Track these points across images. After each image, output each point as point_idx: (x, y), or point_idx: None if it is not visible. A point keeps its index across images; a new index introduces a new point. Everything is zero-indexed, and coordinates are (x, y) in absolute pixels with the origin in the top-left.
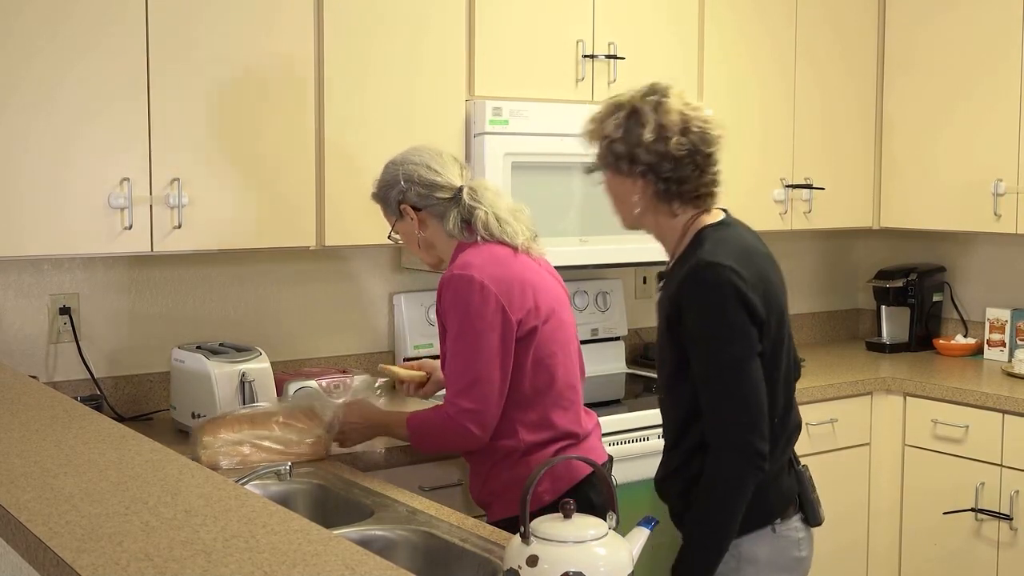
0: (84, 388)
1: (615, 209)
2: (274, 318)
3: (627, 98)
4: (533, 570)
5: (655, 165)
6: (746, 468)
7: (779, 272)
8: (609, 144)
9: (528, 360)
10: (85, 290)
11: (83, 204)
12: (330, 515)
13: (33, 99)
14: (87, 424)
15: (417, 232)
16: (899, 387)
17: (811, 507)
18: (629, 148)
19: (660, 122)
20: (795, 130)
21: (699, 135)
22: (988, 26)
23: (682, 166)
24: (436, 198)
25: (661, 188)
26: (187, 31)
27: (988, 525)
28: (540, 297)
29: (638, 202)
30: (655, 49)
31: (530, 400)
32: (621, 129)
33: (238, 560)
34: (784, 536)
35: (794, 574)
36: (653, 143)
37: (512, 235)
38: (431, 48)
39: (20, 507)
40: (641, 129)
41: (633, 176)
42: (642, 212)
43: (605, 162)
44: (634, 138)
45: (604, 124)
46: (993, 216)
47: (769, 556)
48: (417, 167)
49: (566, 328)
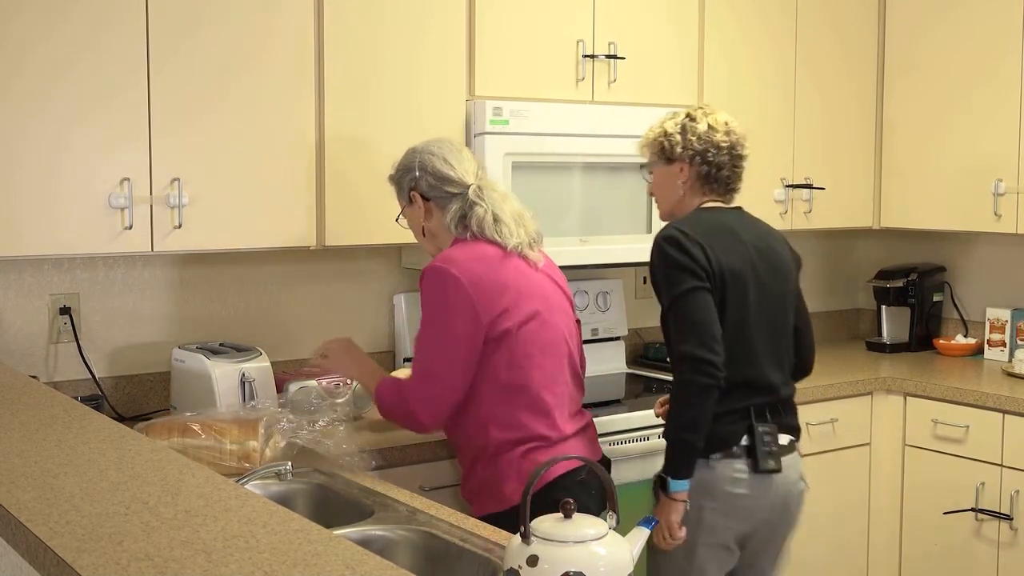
0: (84, 388)
1: (658, 199)
2: (274, 318)
3: (683, 110)
4: (533, 570)
5: (703, 152)
6: (696, 373)
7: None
8: (667, 137)
9: (501, 360)
10: (85, 290)
11: (83, 204)
12: (330, 515)
13: (31, 97)
14: (87, 424)
15: (422, 220)
16: (899, 387)
17: (758, 456)
18: (684, 137)
19: (710, 123)
20: (795, 130)
21: (737, 138)
22: (988, 26)
23: (722, 155)
24: (445, 191)
25: (703, 171)
26: (187, 31)
27: (988, 525)
28: (522, 299)
29: (681, 186)
30: (655, 49)
31: (502, 399)
32: (679, 126)
33: (238, 560)
34: (717, 470)
35: (722, 504)
36: (706, 133)
37: (505, 236)
38: (431, 48)
39: (20, 507)
40: (695, 124)
41: (682, 161)
42: (682, 197)
43: (660, 155)
44: (689, 131)
45: (664, 124)
46: (993, 216)
47: (699, 483)
48: (434, 158)
49: (552, 330)
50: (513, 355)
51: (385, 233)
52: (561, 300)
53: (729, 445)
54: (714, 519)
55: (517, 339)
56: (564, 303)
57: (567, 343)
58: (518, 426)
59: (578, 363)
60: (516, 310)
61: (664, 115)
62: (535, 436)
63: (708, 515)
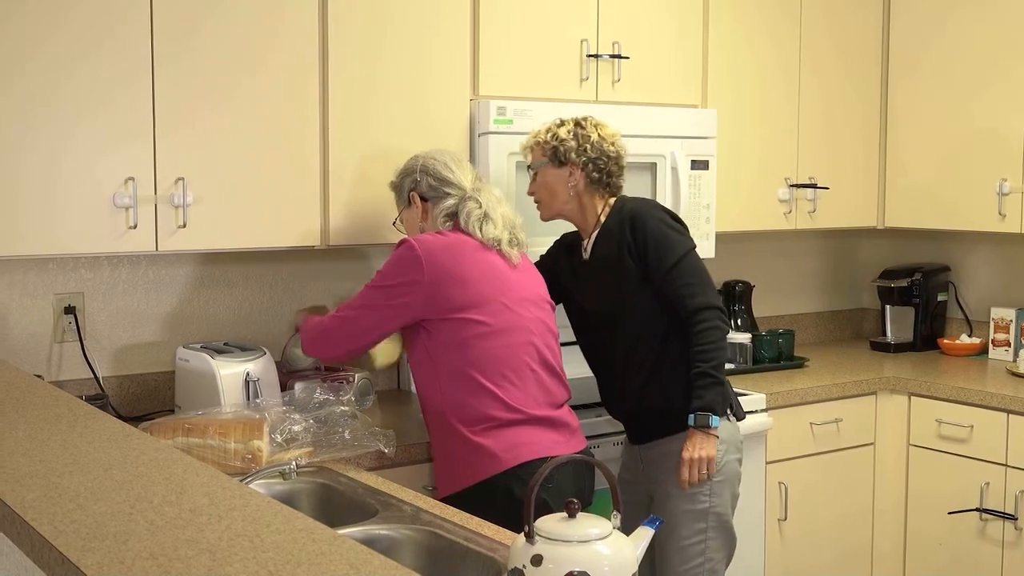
0: (89, 387)
1: (544, 200)
2: (279, 317)
3: (568, 118)
4: (537, 569)
5: (595, 159)
6: (721, 320)
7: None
8: (560, 143)
9: (451, 341)
10: (90, 289)
11: (88, 203)
12: (334, 514)
13: (35, 95)
14: (92, 423)
15: (419, 221)
16: (903, 387)
17: (739, 405)
18: (579, 144)
19: (600, 133)
20: (799, 129)
21: (621, 146)
22: (995, 26)
23: (611, 163)
24: (444, 192)
25: (595, 177)
26: (191, 29)
27: (993, 525)
28: (483, 287)
29: (571, 189)
30: (659, 48)
31: (456, 383)
32: (572, 134)
33: (242, 559)
34: (734, 424)
35: (740, 454)
36: (598, 142)
37: (486, 231)
38: (435, 48)
39: (25, 506)
40: (587, 133)
41: (573, 167)
42: (571, 198)
43: (551, 158)
44: (582, 139)
45: (557, 131)
46: (998, 216)
47: (729, 437)
48: (436, 162)
49: (514, 317)
50: (461, 338)
51: (390, 232)
52: (535, 293)
53: (730, 399)
54: (739, 468)
55: (466, 323)
56: (536, 299)
57: (534, 333)
58: (469, 408)
59: (551, 357)
60: (475, 296)
61: (544, 125)
62: (485, 417)
63: (736, 466)
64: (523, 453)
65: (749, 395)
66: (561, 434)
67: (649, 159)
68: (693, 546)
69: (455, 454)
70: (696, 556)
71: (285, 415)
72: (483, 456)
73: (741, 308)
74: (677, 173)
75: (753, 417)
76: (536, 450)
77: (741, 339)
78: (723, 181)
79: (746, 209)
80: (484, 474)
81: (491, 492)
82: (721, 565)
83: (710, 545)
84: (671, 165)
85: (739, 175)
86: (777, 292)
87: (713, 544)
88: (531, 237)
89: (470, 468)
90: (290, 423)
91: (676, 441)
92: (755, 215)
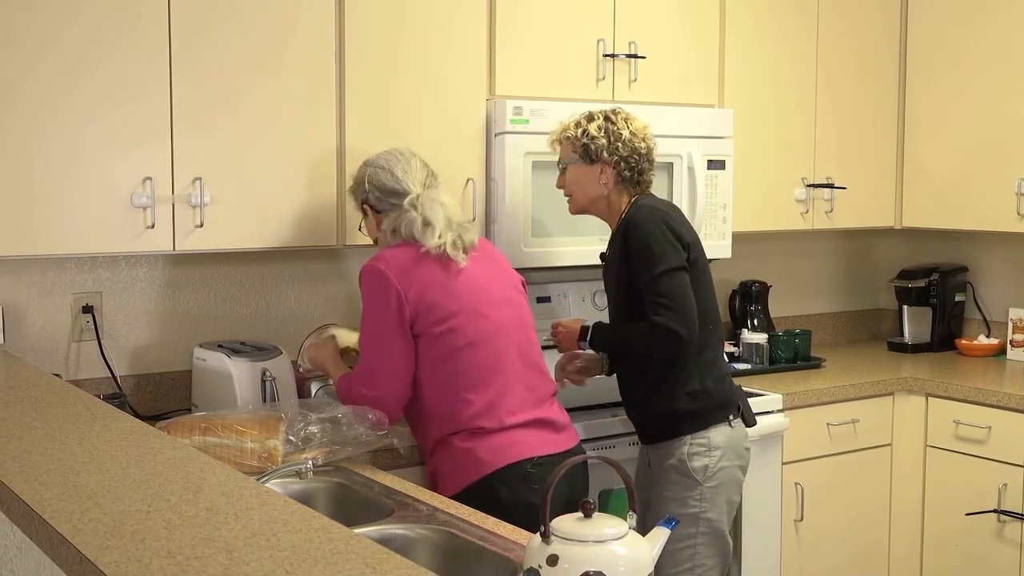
0: (106, 386)
1: (574, 194)
2: (295, 317)
3: (597, 111)
4: (553, 569)
5: (627, 157)
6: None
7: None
8: (591, 140)
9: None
10: (108, 289)
11: (106, 203)
12: (351, 514)
13: (53, 94)
14: (110, 422)
15: (376, 230)
16: (921, 387)
17: (749, 411)
18: (610, 143)
19: (632, 129)
20: (816, 129)
21: (652, 140)
22: (1013, 27)
23: (643, 160)
24: (389, 203)
25: (627, 175)
26: (209, 29)
27: (1011, 527)
28: (445, 298)
29: (603, 187)
30: (675, 48)
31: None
32: (602, 131)
33: (259, 558)
34: (736, 430)
35: (742, 461)
36: (629, 140)
37: (427, 238)
38: (452, 48)
39: (43, 504)
40: (619, 129)
41: (604, 165)
42: (601, 196)
43: (581, 155)
44: (613, 137)
45: (588, 128)
46: (1016, 215)
47: (727, 443)
48: (381, 171)
49: (484, 322)
50: (438, 352)
51: None
52: (501, 292)
53: (734, 406)
54: (739, 475)
55: (441, 337)
56: (506, 295)
57: (510, 333)
58: (454, 418)
59: (530, 352)
60: (438, 308)
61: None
62: (471, 428)
63: (735, 473)
64: (509, 454)
65: (765, 395)
66: (548, 431)
67: (666, 159)
68: (682, 551)
69: (442, 464)
70: (685, 561)
71: (301, 415)
72: (468, 460)
73: (757, 308)
74: (694, 173)
75: (769, 417)
76: (522, 451)
77: (757, 339)
78: (740, 181)
79: (763, 209)
80: (470, 478)
81: (477, 496)
82: (713, 572)
83: (699, 551)
84: (688, 165)
85: (756, 175)
86: (794, 292)
87: (703, 551)
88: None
89: (457, 473)
90: (306, 423)
91: (674, 445)
92: (772, 215)
